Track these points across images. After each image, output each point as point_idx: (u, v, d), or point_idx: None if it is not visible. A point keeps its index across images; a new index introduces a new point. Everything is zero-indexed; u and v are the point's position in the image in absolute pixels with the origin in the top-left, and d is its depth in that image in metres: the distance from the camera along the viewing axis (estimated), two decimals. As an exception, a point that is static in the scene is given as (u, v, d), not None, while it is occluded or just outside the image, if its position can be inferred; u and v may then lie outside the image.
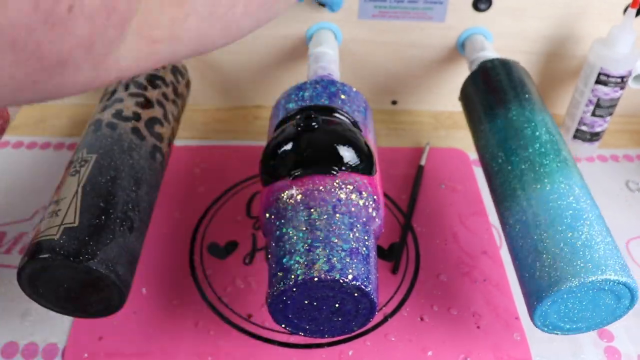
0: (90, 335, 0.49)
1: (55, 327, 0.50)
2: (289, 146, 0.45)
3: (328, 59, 0.62)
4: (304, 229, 0.41)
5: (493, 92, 0.56)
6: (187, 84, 0.65)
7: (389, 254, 0.57)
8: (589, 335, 0.51)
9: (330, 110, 0.49)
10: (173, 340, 0.49)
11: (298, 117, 0.47)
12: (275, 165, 0.45)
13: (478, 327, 0.51)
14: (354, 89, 0.54)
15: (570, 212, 0.44)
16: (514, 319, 0.52)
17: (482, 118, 0.55)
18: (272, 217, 0.44)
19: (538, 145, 0.49)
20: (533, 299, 0.42)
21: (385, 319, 0.51)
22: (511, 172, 0.49)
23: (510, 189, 0.48)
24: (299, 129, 0.45)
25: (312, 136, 0.45)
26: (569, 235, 0.42)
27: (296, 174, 0.44)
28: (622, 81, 0.62)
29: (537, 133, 0.50)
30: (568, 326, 0.43)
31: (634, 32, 0.60)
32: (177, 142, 0.68)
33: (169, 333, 0.50)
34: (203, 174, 0.65)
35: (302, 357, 0.48)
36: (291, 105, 0.52)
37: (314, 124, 0.45)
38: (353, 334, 0.44)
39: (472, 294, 0.54)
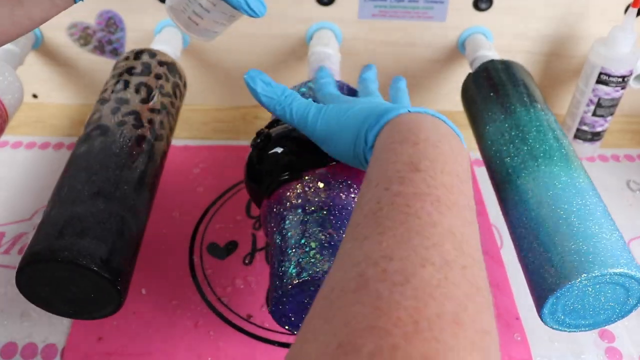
0: (89, 335, 0.49)
1: (54, 328, 0.50)
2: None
3: (329, 58, 0.62)
4: (298, 232, 0.41)
5: (495, 92, 0.56)
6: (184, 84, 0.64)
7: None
8: (590, 335, 0.51)
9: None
10: (173, 341, 0.49)
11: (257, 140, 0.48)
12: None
13: (479, 328, 0.51)
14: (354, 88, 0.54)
15: (577, 208, 0.43)
16: (515, 320, 0.51)
17: (484, 118, 0.55)
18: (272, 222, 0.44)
19: (542, 144, 0.49)
20: (541, 294, 0.42)
21: (385, 320, 0.51)
22: (516, 171, 0.49)
23: (515, 188, 0.48)
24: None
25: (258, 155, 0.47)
26: (577, 230, 0.42)
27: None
28: (623, 81, 0.62)
29: (541, 132, 0.50)
30: (575, 322, 0.43)
31: (634, 31, 0.60)
32: (177, 142, 0.68)
33: (168, 333, 0.49)
34: (202, 174, 0.65)
35: (302, 357, 0.48)
36: None
37: (258, 140, 0.47)
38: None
39: (473, 294, 0.53)
